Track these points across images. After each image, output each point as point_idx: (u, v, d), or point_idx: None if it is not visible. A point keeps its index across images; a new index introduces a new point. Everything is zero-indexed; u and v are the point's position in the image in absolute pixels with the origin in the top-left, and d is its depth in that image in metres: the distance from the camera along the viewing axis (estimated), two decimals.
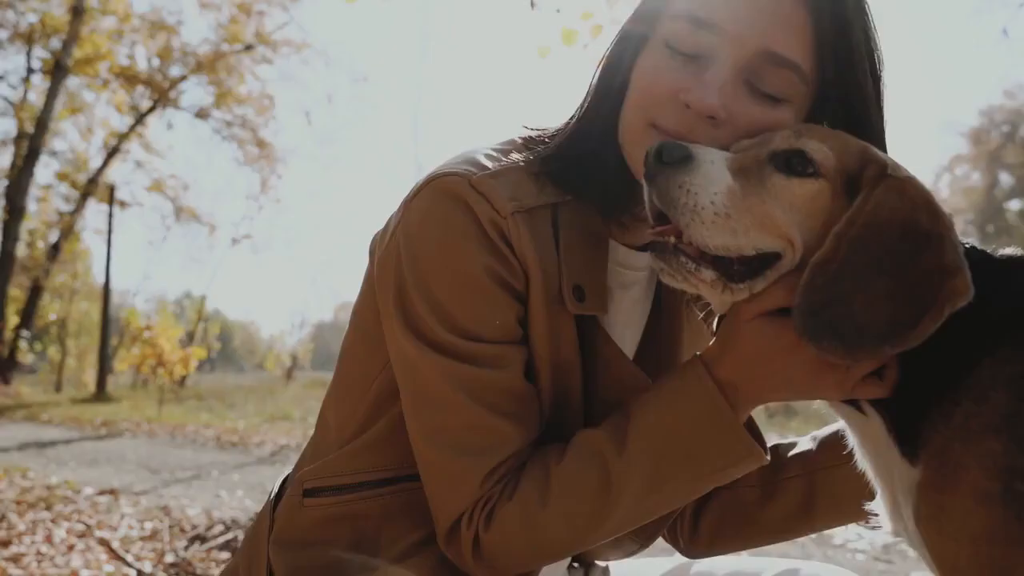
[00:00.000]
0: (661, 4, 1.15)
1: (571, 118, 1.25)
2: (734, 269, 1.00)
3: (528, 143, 1.26)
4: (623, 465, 1.06)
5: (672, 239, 1.01)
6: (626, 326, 1.31)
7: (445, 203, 1.13)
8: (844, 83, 1.09)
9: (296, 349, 36.34)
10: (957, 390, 0.90)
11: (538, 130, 1.29)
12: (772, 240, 0.99)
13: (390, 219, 1.25)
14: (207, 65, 26.89)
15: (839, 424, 1.15)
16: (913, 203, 0.93)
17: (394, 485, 1.24)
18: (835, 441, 1.24)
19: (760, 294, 1.01)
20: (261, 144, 29.07)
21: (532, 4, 4.12)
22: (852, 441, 1.08)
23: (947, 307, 0.87)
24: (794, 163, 1.00)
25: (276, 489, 1.37)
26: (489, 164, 1.18)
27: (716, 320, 1.16)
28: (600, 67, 1.21)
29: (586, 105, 1.22)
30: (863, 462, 1.06)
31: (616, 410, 1.13)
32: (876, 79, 1.12)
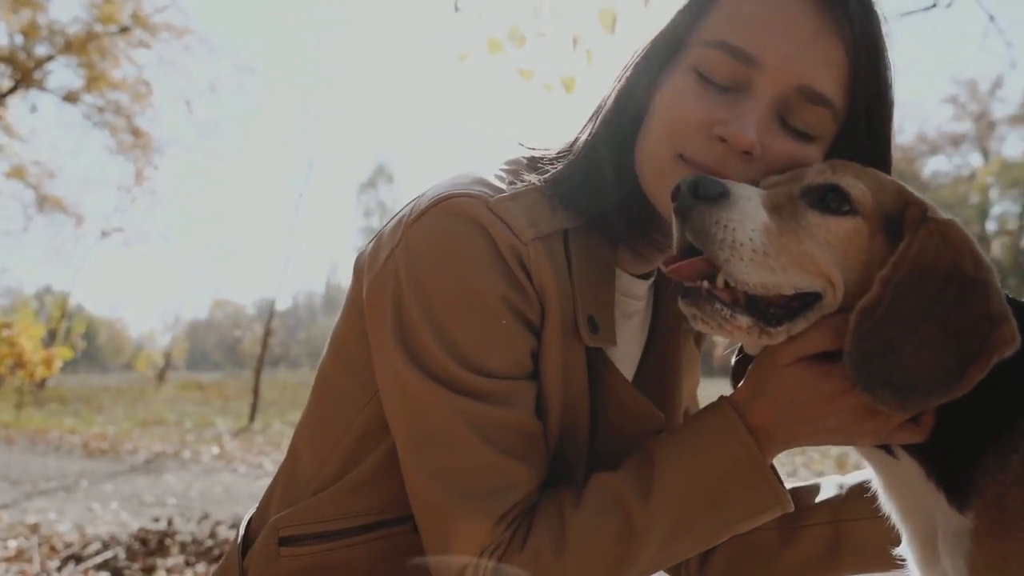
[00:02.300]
0: (689, 28, 1.09)
1: (579, 138, 1.18)
2: (770, 312, 0.96)
3: (534, 163, 1.18)
4: (648, 513, 0.99)
5: (705, 284, 0.96)
6: (626, 355, 1.25)
7: (459, 226, 1.04)
8: (872, 119, 1.07)
9: (169, 348, 34.55)
10: (1012, 436, 0.89)
11: (541, 149, 1.22)
12: (812, 279, 0.95)
13: (380, 238, 1.15)
14: (77, 46, 25.14)
15: (867, 472, 1.13)
16: (957, 248, 0.92)
17: (383, 530, 1.13)
18: (865, 491, 1.20)
19: (799, 337, 0.97)
20: (136, 132, 27.42)
21: (456, 8, 4.05)
22: (878, 484, 1.06)
23: (995, 356, 0.86)
24: (829, 199, 0.97)
25: (241, 532, 1.24)
26: (502, 186, 1.10)
27: (733, 357, 1.12)
28: (617, 87, 1.14)
29: (599, 126, 1.15)
30: (889, 505, 1.05)
31: (635, 452, 1.06)
32: (892, 111, 1.11)
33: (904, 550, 1.03)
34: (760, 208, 0.96)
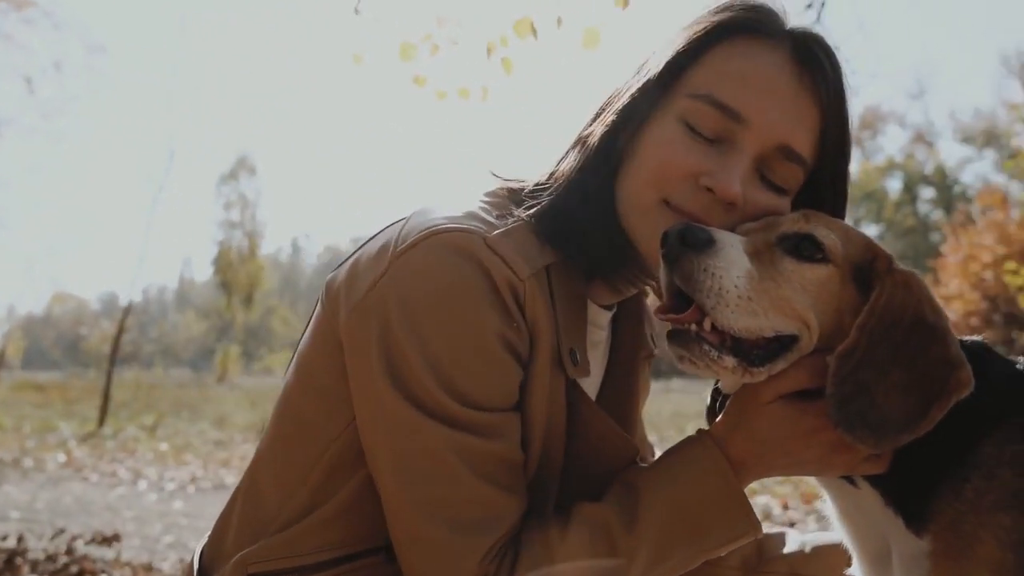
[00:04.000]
0: (676, 77, 1.13)
1: (557, 170, 1.20)
2: (753, 354, 1.02)
3: (515, 196, 1.20)
4: (633, 543, 1.04)
5: (694, 327, 1.02)
6: (591, 383, 1.29)
7: (454, 261, 1.04)
8: (836, 173, 1.16)
9: (2, 346, 31.74)
10: (963, 468, 0.98)
11: (516, 180, 1.23)
12: (790, 322, 1.02)
13: (357, 264, 1.12)
14: None
15: (835, 536, 1.21)
16: (918, 298, 1.01)
17: (358, 560, 1.12)
18: (831, 553, 1.28)
19: (779, 376, 1.04)
20: None
21: (356, 10, 3.97)
22: (833, 509, 1.15)
23: (953, 397, 0.96)
24: (803, 247, 1.05)
25: (196, 566, 1.17)
26: (493, 220, 1.11)
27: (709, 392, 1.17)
28: (602, 129, 1.17)
29: (583, 164, 1.17)
30: (842, 528, 1.14)
31: (617, 484, 1.10)
32: (850, 162, 1.19)
33: (855, 570, 1.12)
34: (743, 255, 1.02)
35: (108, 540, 4.90)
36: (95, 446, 10.94)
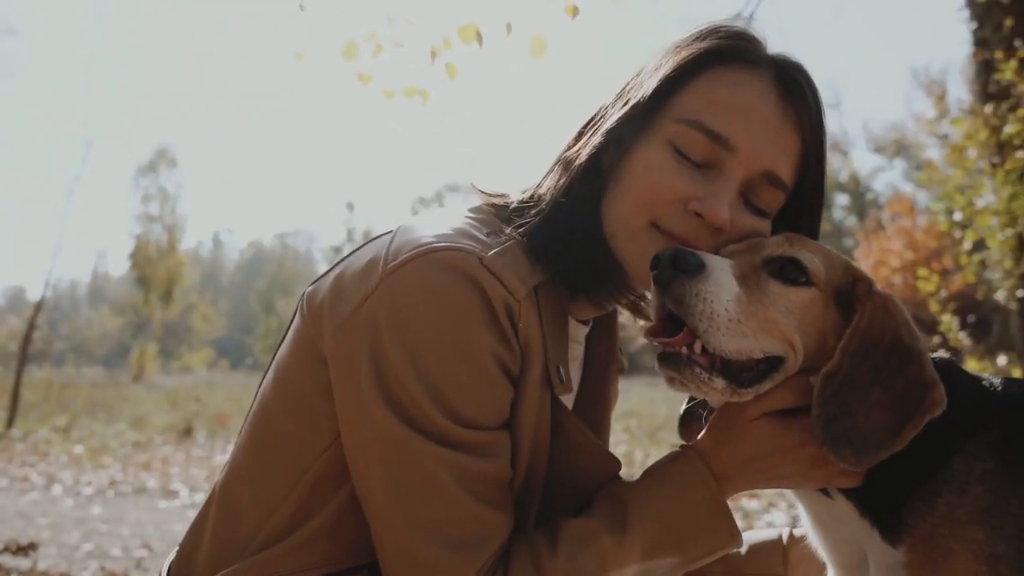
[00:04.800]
0: (663, 102, 1.15)
1: (541, 186, 1.21)
2: (742, 376, 1.06)
3: (501, 213, 1.20)
4: (622, 556, 1.06)
5: (685, 350, 1.04)
6: (568, 396, 1.30)
7: (450, 279, 1.04)
8: (813, 196, 1.21)
9: None
10: (935, 482, 1.03)
11: (497, 195, 1.24)
12: (776, 344, 1.06)
13: (342, 279, 1.11)
14: None
15: (771, 533, 1.27)
16: (896, 320, 1.06)
17: None
18: (768, 551, 1.35)
19: (766, 395, 1.08)
20: None
21: (301, 7, 3.90)
22: (808, 519, 1.20)
23: (927, 416, 1.01)
24: (787, 270, 1.09)
25: None
26: (484, 238, 1.11)
27: (682, 407, 1.20)
28: (590, 149, 1.18)
29: (571, 184, 1.18)
30: (817, 538, 1.19)
31: (602, 498, 1.12)
32: (825, 185, 1.24)
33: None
34: (732, 279, 1.06)
35: (24, 549, 4.68)
36: (3, 449, 10.40)
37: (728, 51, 1.16)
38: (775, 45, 1.20)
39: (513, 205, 1.21)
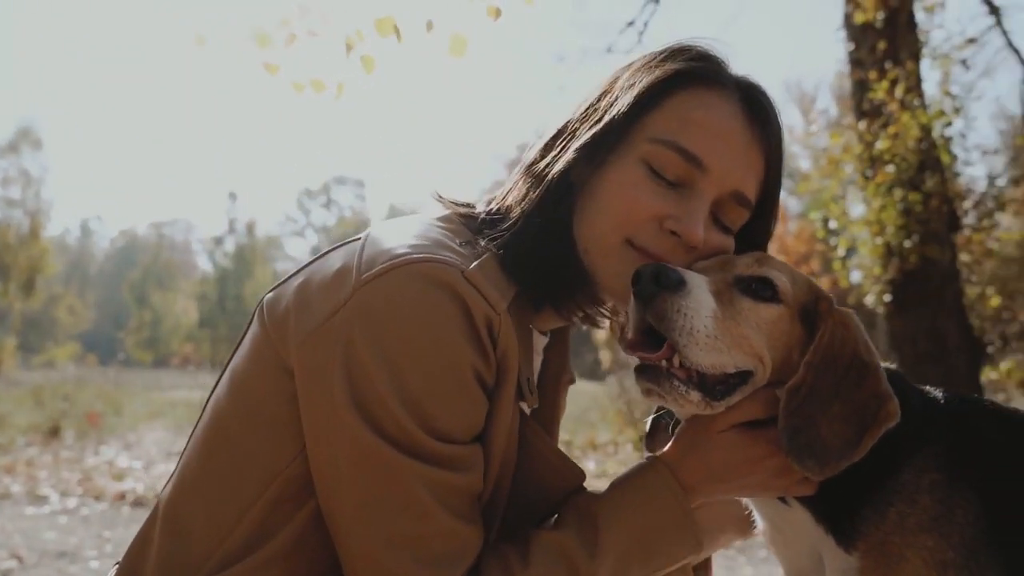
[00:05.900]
0: (635, 120, 1.17)
1: (509, 197, 1.22)
2: (716, 389, 1.09)
3: (469, 222, 1.20)
4: (594, 567, 1.07)
5: (665, 364, 1.07)
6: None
7: (433, 293, 1.02)
8: (769, 212, 1.26)
9: None
10: (886, 492, 1.09)
11: (462, 204, 1.23)
12: (747, 359, 1.10)
13: (309, 288, 1.07)
14: None
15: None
16: (855, 336, 1.12)
17: None
18: None
19: (734, 407, 1.12)
20: None
21: None
22: (764, 526, 1.24)
23: (883, 427, 1.07)
24: (757, 288, 1.13)
25: None
26: (460, 249, 1.10)
27: (650, 417, 1.22)
28: (562, 164, 1.18)
29: (541, 196, 1.19)
30: (772, 544, 1.24)
31: (571, 510, 1.13)
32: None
33: None
34: (709, 296, 1.09)
35: None
36: None
37: (700, 72, 1.19)
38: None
39: (482, 216, 1.21)
